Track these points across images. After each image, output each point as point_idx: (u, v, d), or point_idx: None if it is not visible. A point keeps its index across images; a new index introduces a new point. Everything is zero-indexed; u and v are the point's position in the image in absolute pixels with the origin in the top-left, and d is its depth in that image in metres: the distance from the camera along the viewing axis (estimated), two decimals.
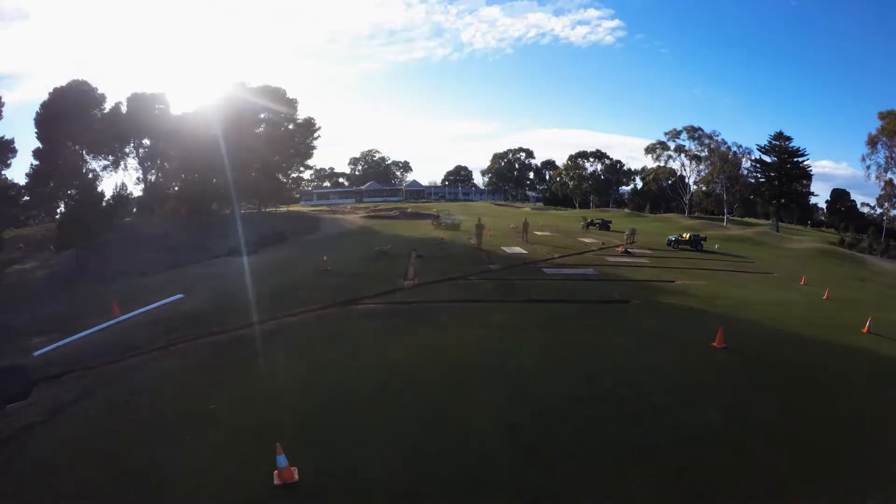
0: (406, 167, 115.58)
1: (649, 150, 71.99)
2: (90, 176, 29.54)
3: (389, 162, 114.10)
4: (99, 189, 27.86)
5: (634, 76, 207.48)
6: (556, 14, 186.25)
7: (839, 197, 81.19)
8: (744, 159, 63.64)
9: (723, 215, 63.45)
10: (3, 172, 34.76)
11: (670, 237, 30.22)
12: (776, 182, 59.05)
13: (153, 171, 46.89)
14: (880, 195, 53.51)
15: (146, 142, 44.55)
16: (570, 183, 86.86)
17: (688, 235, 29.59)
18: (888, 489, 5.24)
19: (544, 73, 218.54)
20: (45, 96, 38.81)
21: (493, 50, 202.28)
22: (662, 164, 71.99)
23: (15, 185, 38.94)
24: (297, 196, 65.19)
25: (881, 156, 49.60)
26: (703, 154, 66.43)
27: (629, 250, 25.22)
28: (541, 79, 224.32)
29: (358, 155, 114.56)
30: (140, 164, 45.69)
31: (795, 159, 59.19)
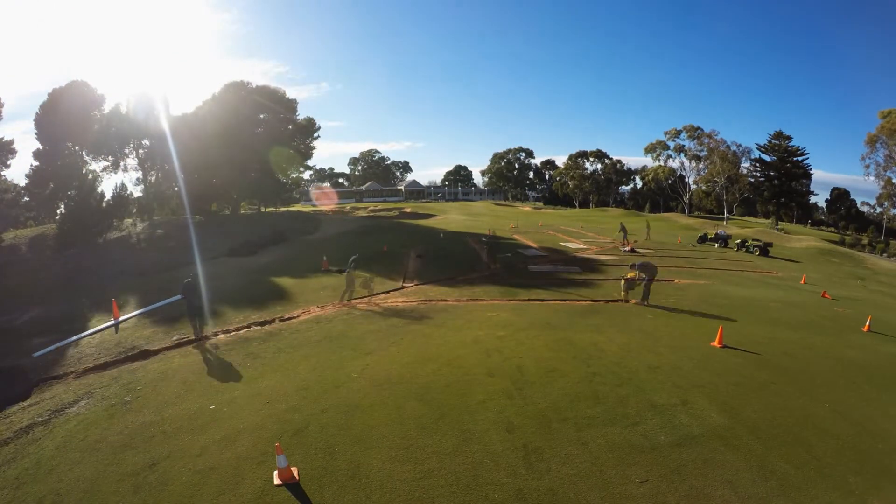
0: (406, 167, 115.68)
1: (649, 149, 72.04)
2: (90, 176, 29.44)
3: (389, 162, 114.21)
4: (99, 190, 27.72)
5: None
6: None
7: (839, 196, 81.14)
8: (743, 158, 63.73)
9: (723, 214, 63.48)
10: (2, 173, 34.77)
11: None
12: (776, 181, 59.10)
13: (153, 171, 46.84)
14: (880, 194, 53.66)
15: (146, 142, 44.50)
16: (570, 182, 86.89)
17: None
18: (889, 489, 5.24)
19: None
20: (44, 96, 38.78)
21: None
22: (662, 163, 72.02)
23: (15, 186, 38.95)
24: (297, 196, 65.24)
25: (881, 155, 49.75)
26: (702, 153, 66.47)
27: (635, 249, 25.30)
28: None
29: (358, 155, 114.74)
30: (140, 164, 45.62)
31: (795, 158, 59.24)
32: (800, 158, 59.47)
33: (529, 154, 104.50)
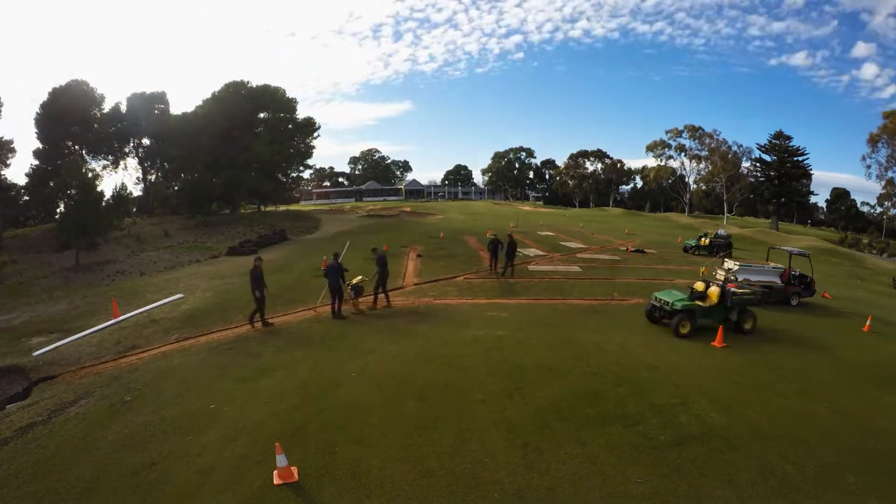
0: (406, 167, 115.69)
1: (651, 147, 72.08)
2: (90, 176, 29.45)
3: (389, 161, 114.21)
4: (99, 189, 27.69)
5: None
6: None
7: (839, 196, 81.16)
8: (744, 158, 63.77)
9: (723, 214, 63.47)
10: (2, 172, 34.75)
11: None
12: (776, 181, 59.03)
13: (153, 171, 46.86)
14: (881, 194, 53.77)
15: (146, 142, 44.54)
16: (571, 182, 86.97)
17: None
18: (889, 489, 5.24)
19: None
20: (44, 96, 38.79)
21: None
22: (663, 163, 72.07)
23: (15, 186, 38.92)
24: (298, 196, 65.31)
25: (882, 154, 49.85)
26: (703, 153, 66.53)
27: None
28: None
29: (358, 154, 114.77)
30: (140, 163, 45.65)
31: (795, 158, 59.17)
32: (800, 158, 59.35)
33: (530, 153, 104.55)
